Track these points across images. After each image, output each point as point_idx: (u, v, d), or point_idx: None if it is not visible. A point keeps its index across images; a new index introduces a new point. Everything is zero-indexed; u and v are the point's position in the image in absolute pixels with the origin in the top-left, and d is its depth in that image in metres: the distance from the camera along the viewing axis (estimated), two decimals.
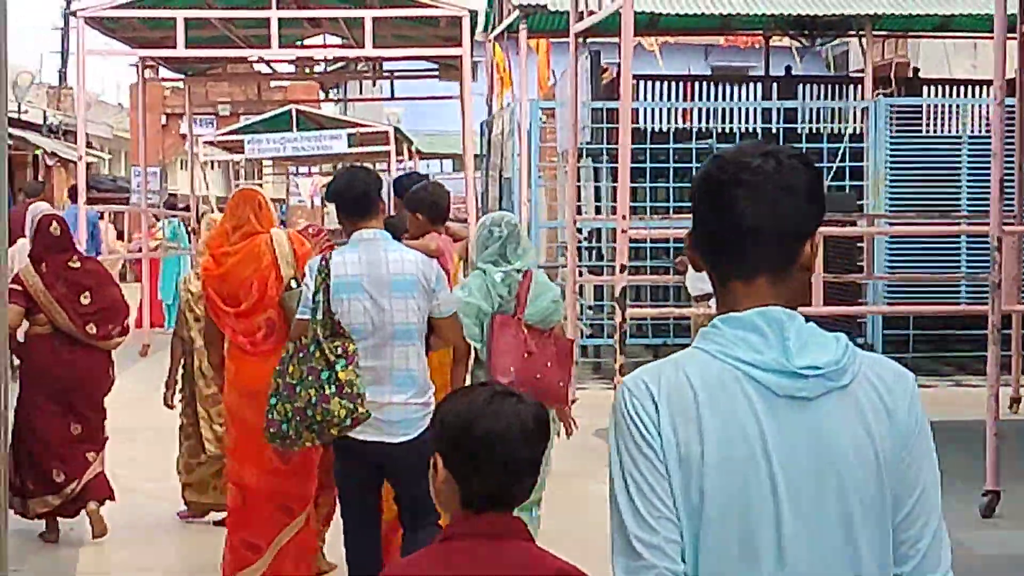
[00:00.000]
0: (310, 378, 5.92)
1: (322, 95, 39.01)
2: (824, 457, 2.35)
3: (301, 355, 6.02)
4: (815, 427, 2.35)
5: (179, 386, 8.95)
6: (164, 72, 22.82)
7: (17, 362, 8.70)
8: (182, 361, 8.88)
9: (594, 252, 17.19)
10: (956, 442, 9.65)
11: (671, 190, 16.17)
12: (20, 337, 8.29)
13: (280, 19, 15.20)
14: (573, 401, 12.80)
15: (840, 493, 2.35)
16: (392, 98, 26.23)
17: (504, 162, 17.19)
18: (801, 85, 18.20)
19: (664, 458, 2.33)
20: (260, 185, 43.92)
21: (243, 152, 31.88)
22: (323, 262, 6.11)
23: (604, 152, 16.47)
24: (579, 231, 16.45)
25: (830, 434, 2.35)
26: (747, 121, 17.04)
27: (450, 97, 27.81)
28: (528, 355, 6.61)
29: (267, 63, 23.25)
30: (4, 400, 4.44)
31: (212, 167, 40.53)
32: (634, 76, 19.81)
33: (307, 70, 25.67)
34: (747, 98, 17.74)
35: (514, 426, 2.81)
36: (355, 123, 32.21)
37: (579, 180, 16.46)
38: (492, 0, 17.53)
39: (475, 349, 6.72)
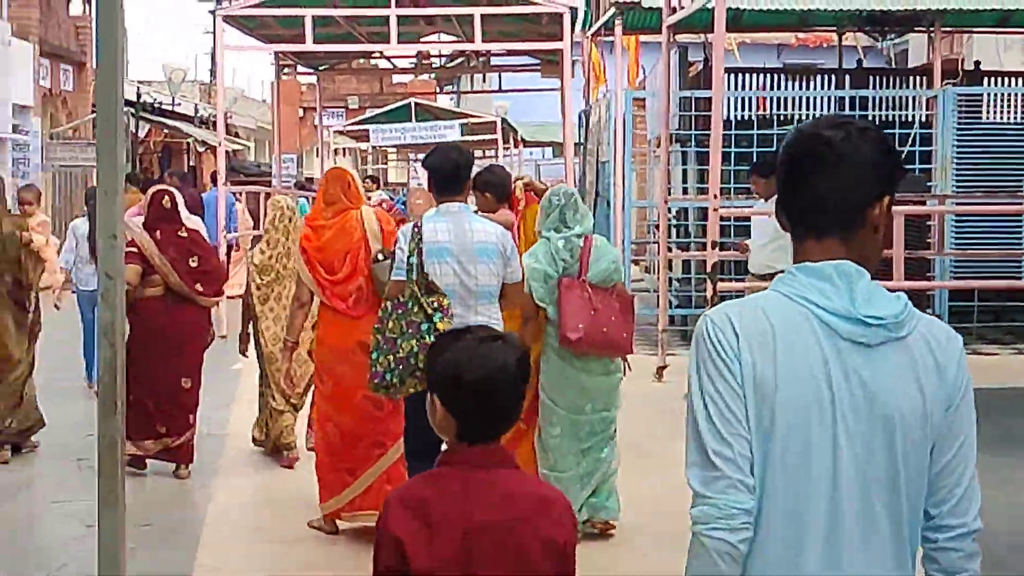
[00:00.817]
0: (410, 331, 5.91)
1: (437, 89, 38.75)
2: (878, 398, 2.38)
3: (400, 311, 5.99)
4: (873, 371, 2.39)
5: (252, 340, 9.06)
6: (300, 69, 22.40)
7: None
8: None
9: (681, 229, 16.33)
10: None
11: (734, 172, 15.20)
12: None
13: (399, 17, 14.57)
14: (663, 367, 12.28)
15: (888, 432, 2.38)
16: (499, 90, 25.36)
17: (600, 148, 16.39)
18: (872, 77, 17.37)
19: (741, 382, 2.38)
20: (384, 170, 43.88)
21: (368, 140, 31.65)
22: (415, 229, 6.12)
23: (692, 138, 15.63)
24: (668, 210, 15.97)
25: (885, 379, 2.38)
26: (822, 110, 16.02)
27: (551, 90, 27.23)
28: (594, 312, 6.55)
29: (388, 59, 22.68)
30: (121, 359, 4.16)
31: (343, 154, 40.45)
32: (731, 68, 19.35)
33: (424, 65, 25.05)
34: (822, 89, 16.76)
35: (500, 370, 2.84)
36: (466, 114, 31.99)
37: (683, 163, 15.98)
38: None
39: (542, 307, 6.67)
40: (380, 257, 6.70)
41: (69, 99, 28.87)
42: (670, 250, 13.63)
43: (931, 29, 16.61)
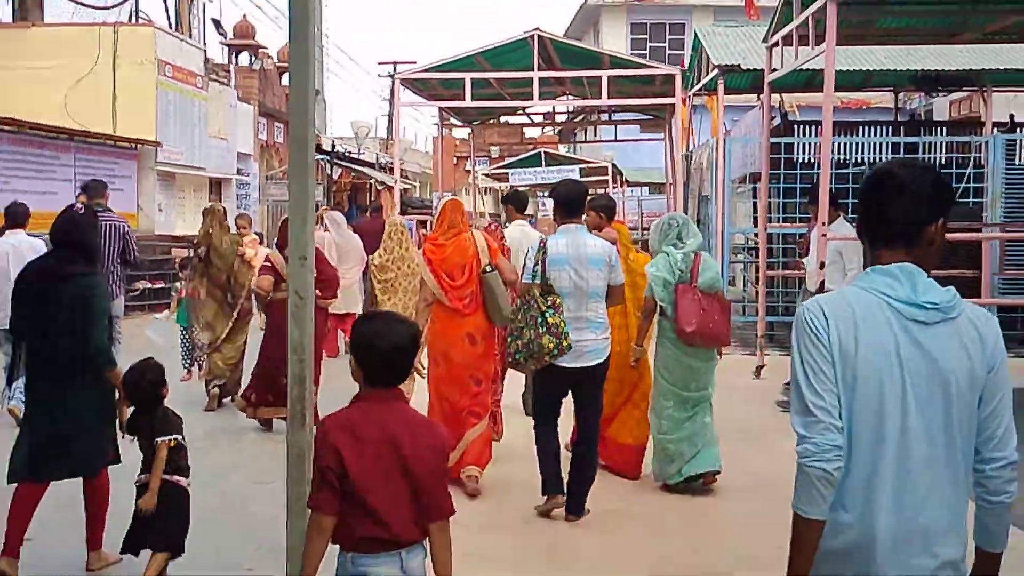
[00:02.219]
0: (530, 323, 5.97)
1: (559, 140, 38.01)
2: (936, 363, 2.51)
3: (524, 308, 6.06)
4: (931, 343, 2.52)
5: None
6: (456, 124, 21.74)
7: (264, 318, 8.86)
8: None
9: (755, 252, 15.33)
10: None
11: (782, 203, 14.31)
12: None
13: (540, 79, 13.74)
14: (761, 367, 11.34)
15: (944, 388, 2.51)
16: (609, 140, 24.38)
17: (703, 185, 15.38)
18: (923, 128, 16.11)
19: (831, 351, 2.53)
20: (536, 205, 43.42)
21: (507, 181, 30.91)
22: (542, 243, 6.18)
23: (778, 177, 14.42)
24: (755, 235, 15.05)
25: (941, 350, 2.51)
26: (883, 154, 14.81)
27: (652, 140, 26.30)
28: (703, 311, 6.58)
29: (527, 114, 21.88)
30: (309, 373, 3.94)
31: (486, 192, 40.02)
32: (796, 121, 18.30)
33: (550, 121, 24.35)
34: (883, 136, 15.50)
35: (396, 341, 3.15)
36: (583, 160, 31.11)
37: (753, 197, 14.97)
38: (692, 63, 15.51)
39: (662, 306, 6.65)
40: (488, 269, 6.80)
41: (280, 149, 28.68)
42: (769, 268, 12.35)
43: (983, 88, 15.24)
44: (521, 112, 20.49)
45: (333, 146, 30.25)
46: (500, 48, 14.10)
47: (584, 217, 6.74)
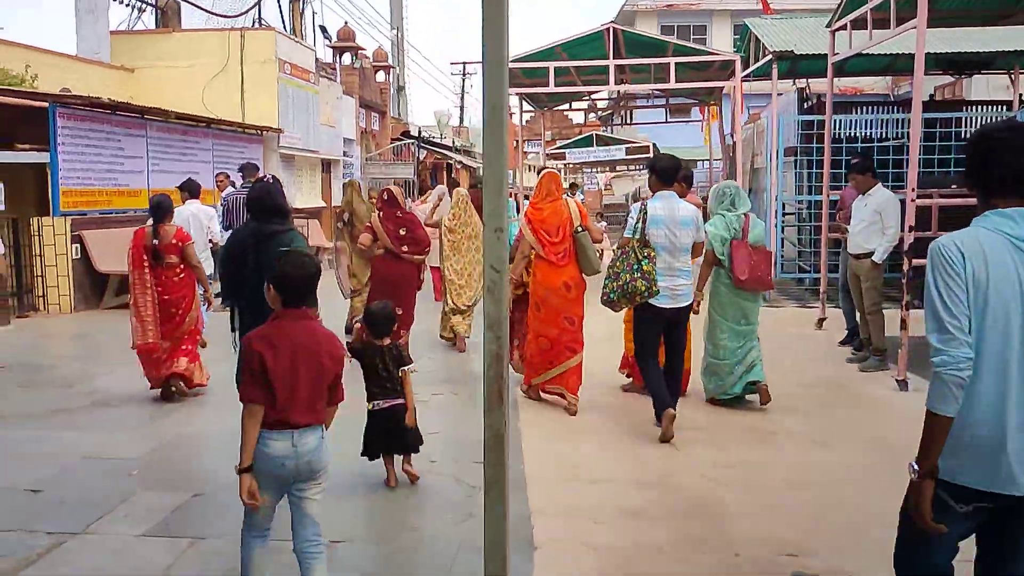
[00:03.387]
0: (628, 268, 5.95)
1: (602, 125, 36.61)
2: None
3: (623, 256, 6.03)
4: None
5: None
6: (526, 108, 20.46)
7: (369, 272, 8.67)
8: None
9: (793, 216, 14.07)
10: None
11: (813, 174, 12.66)
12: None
13: (616, 66, 12.53)
14: (823, 319, 10.23)
15: None
16: (666, 122, 22.76)
17: (754, 158, 14.04)
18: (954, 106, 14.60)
19: (964, 280, 2.49)
20: (576, 178, 42.07)
21: (565, 159, 29.64)
22: (643, 205, 6.11)
23: (811, 151, 13.20)
24: (800, 203, 13.83)
25: None
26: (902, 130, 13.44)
27: (692, 121, 24.94)
28: (753, 262, 6.60)
29: (591, 99, 20.57)
30: (506, 351, 2.88)
31: (537, 171, 38.83)
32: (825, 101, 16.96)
33: (609, 105, 22.96)
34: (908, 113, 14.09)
35: (303, 275, 3.36)
36: (628, 140, 29.72)
37: (795, 168, 13.66)
38: (740, 51, 14.14)
39: (720, 259, 6.63)
40: (580, 229, 6.77)
41: (376, 135, 27.67)
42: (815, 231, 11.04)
43: (1011, 70, 13.76)
44: (586, 97, 19.14)
45: (419, 132, 29.21)
46: (578, 40, 12.88)
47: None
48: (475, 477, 5.23)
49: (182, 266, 7.21)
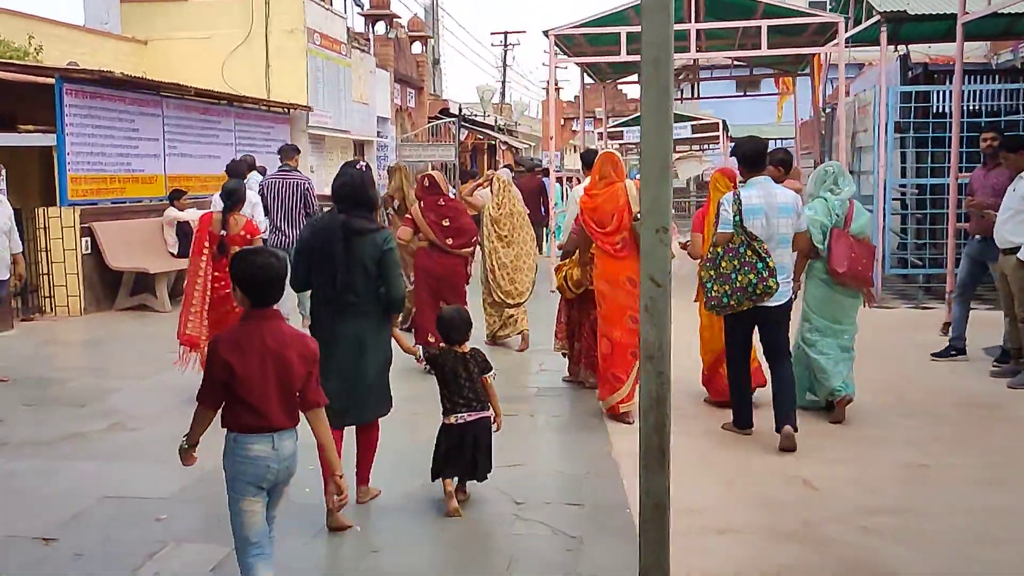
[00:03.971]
0: (747, 267, 5.75)
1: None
2: None
3: (731, 254, 5.82)
4: None
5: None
6: (587, 80, 19.86)
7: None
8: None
9: (898, 203, 13.24)
10: None
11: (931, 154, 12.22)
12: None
13: (697, 31, 11.89)
14: (949, 323, 9.56)
15: None
16: (744, 95, 21.85)
17: (857, 136, 13.25)
18: None
19: None
20: (637, 161, 41.37)
21: (622, 139, 28.98)
22: (736, 196, 5.91)
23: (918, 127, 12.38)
24: (904, 187, 13.09)
25: None
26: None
27: (768, 95, 24.11)
28: (853, 254, 6.43)
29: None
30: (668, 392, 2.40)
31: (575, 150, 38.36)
32: (937, 70, 16.17)
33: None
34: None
35: (270, 275, 3.47)
36: (695, 117, 29.04)
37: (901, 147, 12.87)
38: (839, 10, 13.40)
39: (818, 247, 6.44)
40: (638, 217, 6.06)
41: (412, 113, 27.25)
42: (958, 220, 10.20)
43: None
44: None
45: (460, 110, 28.73)
46: None
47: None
48: (573, 524, 4.73)
49: None
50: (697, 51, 13.10)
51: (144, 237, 12.43)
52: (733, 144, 6.55)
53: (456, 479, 4.97)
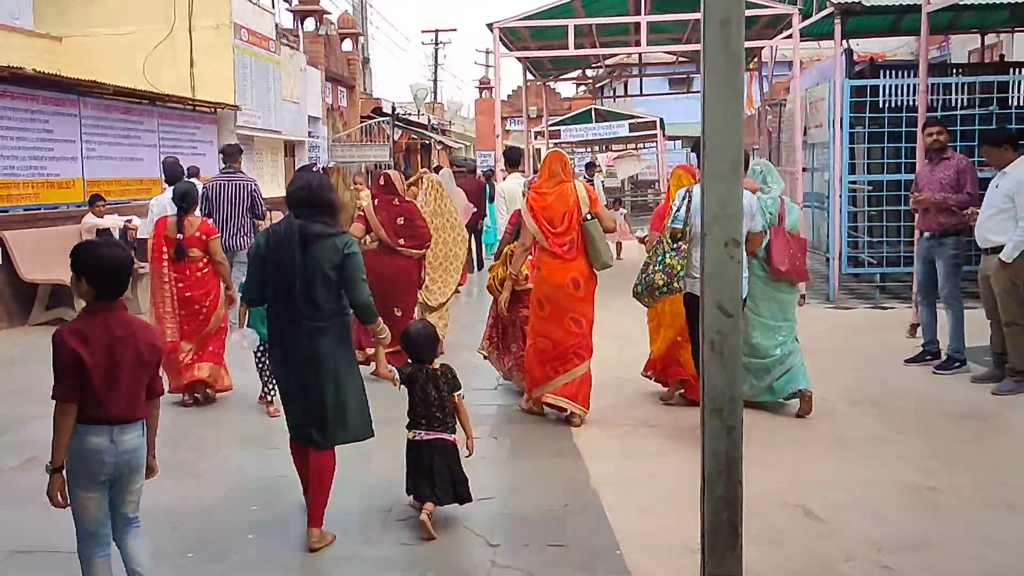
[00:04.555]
0: (653, 261, 5.99)
1: (593, 99, 35.56)
2: None
3: (655, 248, 6.03)
4: None
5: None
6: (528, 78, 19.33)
7: None
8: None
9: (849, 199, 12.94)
10: None
11: (885, 149, 11.84)
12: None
13: (648, 24, 11.46)
14: (916, 324, 9.26)
15: None
16: (686, 92, 21.42)
17: (810, 132, 12.91)
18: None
19: None
20: (573, 160, 41.02)
21: (559, 138, 28.44)
22: (688, 191, 5.94)
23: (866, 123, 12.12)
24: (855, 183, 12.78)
25: None
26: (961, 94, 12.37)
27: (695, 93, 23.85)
28: (791, 251, 6.50)
29: (602, 66, 19.36)
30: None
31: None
32: (883, 65, 16.01)
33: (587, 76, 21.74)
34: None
35: (118, 266, 3.47)
36: (633, 115, 28.68)
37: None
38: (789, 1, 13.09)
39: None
40: (588, 217, 6.41)
41: (344, 113, 26.45)
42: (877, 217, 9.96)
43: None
44: (597, 63, 18.02)
45: (393, 109, 28.03)
46: None
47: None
48: (559, 571, 4.18)
49: (205, 260, 7.25)
50: (649, 44, 12.64)
51: (61, 246, 11.54)
52: (695, 139, 6.26)
53: (424, 502, 4.68)
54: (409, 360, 4.90)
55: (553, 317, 6.46)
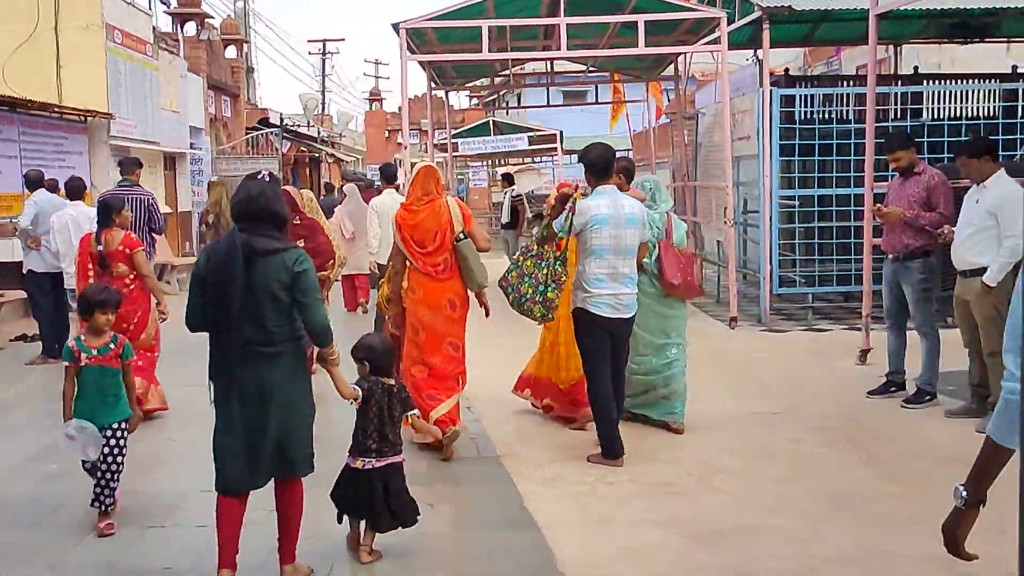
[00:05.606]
0: (532, 281, 5.87)
1: (486, 112, 34.76)
2: None
3: (538, 262, 5.90)
4: None
5: None
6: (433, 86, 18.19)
7: None
8: None
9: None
10: None
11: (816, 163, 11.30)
12: None
13: (568, 26, 10.64)
14: (867, 350, 8.63)
15: None
16: (596, 102, 20.47)
17: (735, 144, 12.20)
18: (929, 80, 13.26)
19: None
20: (465, 174, 39.99)
21: (457, 151, 27.51)
22: (571, 204, 5.75)
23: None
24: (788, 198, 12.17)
25: None
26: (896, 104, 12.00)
27: (606, 102, 23.23)
28: (681, 266, 6.41)
29: (515, 76, 18.41)
30: None
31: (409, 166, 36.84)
32: (799, 77, 15.61)
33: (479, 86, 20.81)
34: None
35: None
36: (532, 128, 28.00)
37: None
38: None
39: (643, 263, 6.16)
40: (461, 236, 6.13)
41: (228, 123, 24.96)
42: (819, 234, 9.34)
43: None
44: (507, 69, 17.10)
45: (282, 119, 26.63)
46: None
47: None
48: None
49: (133, 275, 7.05)
50: (570, 48, 11.78)
51: None
52: (582, 150, 6.10)
53: (363, 524, 4.46)
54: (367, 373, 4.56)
55: (431, 343, 6.19)
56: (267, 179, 4.15)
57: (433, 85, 16.31)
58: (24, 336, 10.97)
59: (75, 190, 9.66)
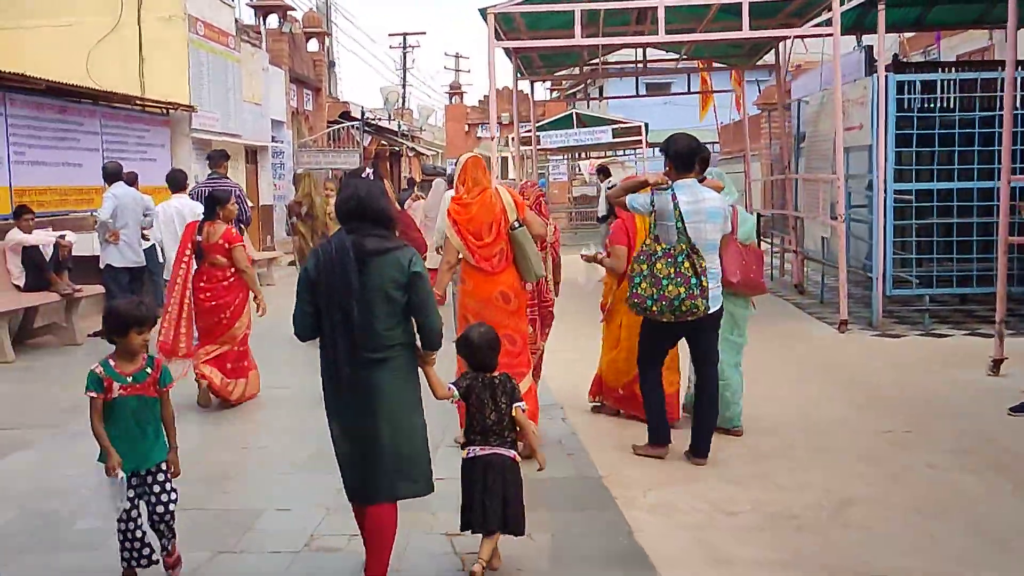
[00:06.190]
0: (679, 279, 5.40)
1: (567, 105, 34.09)
2: None
3: (668, 259, 5.45)
4: None
5: None
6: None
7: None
8: None
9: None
10: None
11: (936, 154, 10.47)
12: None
13: (667, 8, 9.99)
14: (1001, 360, 7.83)
15: None
16: (687, 91, 19.55)
17: (836, 136, 11.37)
18: None
19: None
20: (545, 167, 39.42)
21: (537, 144, 26.94)
22: (673, 198, 5.47)
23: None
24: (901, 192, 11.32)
25: None
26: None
27: (695, 92, 22.32)
28: (744, 262, 6.12)
29: (605, 66, 17.67)
30: None
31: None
32: (912, 63, 14.68)
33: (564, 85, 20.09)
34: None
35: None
36: (617, 120, 27.37)
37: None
38: None
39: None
40: (516, 225, 5.87)
41: (310, 117, 24.81)
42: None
43: None
44: (594, 57, 16.44)
45: (363, 113, 26.41)
46: None
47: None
48: None
49: (232, 269, 7.20)
50: (668, 33, 11.10)
51: None
52: (665, 141, 5.79)
53: (482, 535, 4.18)
54: (468, 369, 4.47)
55: None
56: (371, 177, 4.14)
57: (519, 76, 15.74)
58: (101, 332, 10.75)
59: (177, 182, 9.74)
